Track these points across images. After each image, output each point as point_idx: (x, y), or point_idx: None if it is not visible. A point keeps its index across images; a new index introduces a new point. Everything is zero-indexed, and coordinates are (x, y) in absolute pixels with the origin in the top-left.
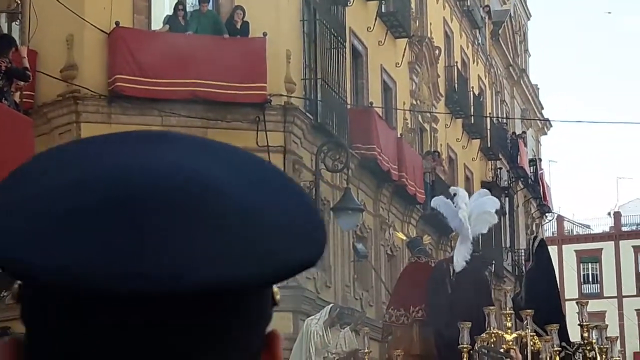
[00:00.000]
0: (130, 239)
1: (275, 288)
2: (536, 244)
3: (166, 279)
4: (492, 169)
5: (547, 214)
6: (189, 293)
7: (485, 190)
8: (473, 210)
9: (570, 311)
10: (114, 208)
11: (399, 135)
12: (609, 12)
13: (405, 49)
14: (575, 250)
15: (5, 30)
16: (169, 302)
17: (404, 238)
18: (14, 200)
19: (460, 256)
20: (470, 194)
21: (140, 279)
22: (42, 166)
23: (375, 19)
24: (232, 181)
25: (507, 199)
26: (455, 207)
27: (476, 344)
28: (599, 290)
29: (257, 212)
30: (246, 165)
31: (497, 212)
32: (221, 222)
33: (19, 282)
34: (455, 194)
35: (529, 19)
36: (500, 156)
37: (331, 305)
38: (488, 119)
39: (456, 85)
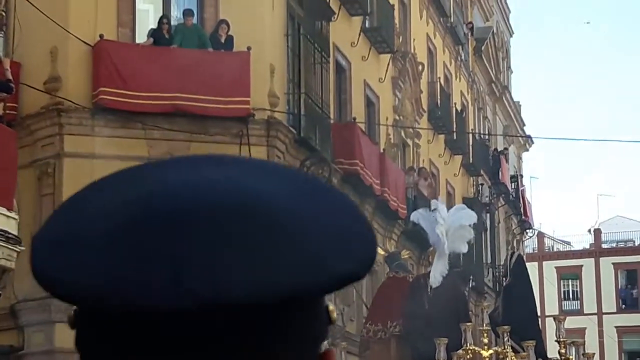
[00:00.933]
0: (174, 256)
1: (331, 306)
2: (514, 260)
3: (208, 294)
4: (473, 185)
5: (527, 230)
6: (231, 305)
7: (462, 205)
8: (450, 225)
9: (551, 328)
10: (156, 225)
11: (381, 151)
12: (588, 22)
13: (388, 64)
14: (556, 267)
15: None
16: (216, 316)
17: (382, 253)
18: (65, 222)
19: (437, 271)
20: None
21: (182, 295)
22: (99, 187)
23: (359, 34)
24: (281, 193)
25: (488, 215)
26: (434, 220)
27: None
28: (579, 307)
29: (304, 224)
30: (296, 179)
31: (476, 227)
32: (266, 235)
33: (74, 308)
34: (435, 209)
35: (511, 36)
36: (482, 172)
37: None
38: (470, 135)
39: (439, 101)
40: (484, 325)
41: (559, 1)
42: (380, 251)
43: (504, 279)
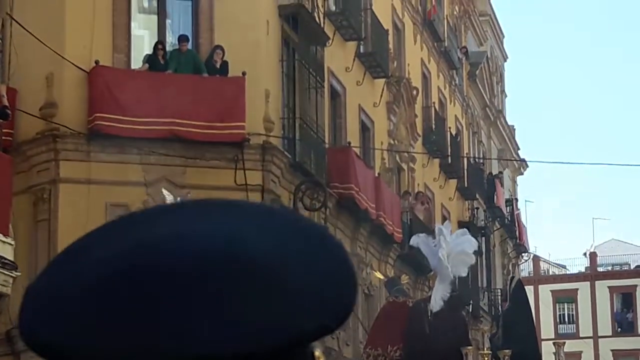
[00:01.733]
0: (147, 311)
1: (317, 352)
2: (513, 284)
3: (172, 350)
4: (469, 209)
5: (523, 254)
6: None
7: (464, 230)
8: (452, 250)
9: (547, 351)
10: (136, 281)
11: (376, 175)
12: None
13: (383, 89)
14: (551, 291)
15: None
16: None
17: (382, 277)
18: (55, 282)
19: (439, 296)
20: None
21: (151, 353)
22: (90, 240)
23: (354, 59)
24: (266, 241)
25: (483, 238)
26: (434, 245)
27: None
28: (574, 331)
29: (285, 275)
30: (285, 224)
31: (475, 252)
32: (244, 287)
33: None
34: (439, 233)
35: (505, 60)
36: (477, 196)
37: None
38: (465, 159)
39: (433, 126)
40: (485, 349)
41: (552, 26)
42: (379, 275)
43: (504, 303)
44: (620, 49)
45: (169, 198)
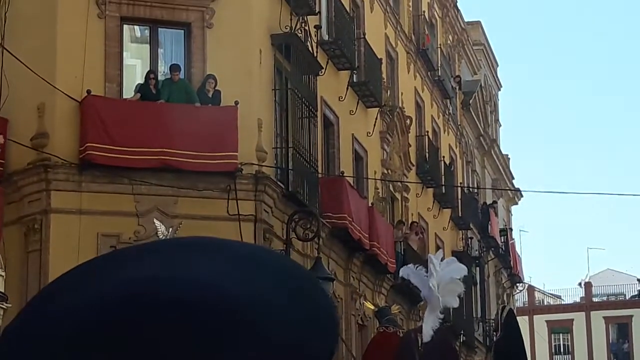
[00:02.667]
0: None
1: None
2: (505, 314)
3: None
4: (463, 239)
5: (517, 284)
6: None
7: (452, 258)
8: (441, 278)
9: None
10: (115, 330)
11: (370, 205)
12: None
13: (376, 118)
14: (546, 321)
15: None
16: None
17: (373, 308)
18: (28, 326)
19: (429, 326)
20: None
21: None
22: (63, 284)
23: (347, 88)
24: (246, 286)
25: (477, 268)
26: (425, 275)
27: None
28: None
29: (263, 320)
30: (266, 266)
31: (466, 281)
32: (218, 334)
33: None
34: (429, 261)
35: (499, 89)
36: (471, 226)
37: None
38: (459, 188)
39: (427, 155)
40: None
41: (546, 54)
42: (370, 306)
43: (495, 333)
44: (615, 78)
45: (161, 228)
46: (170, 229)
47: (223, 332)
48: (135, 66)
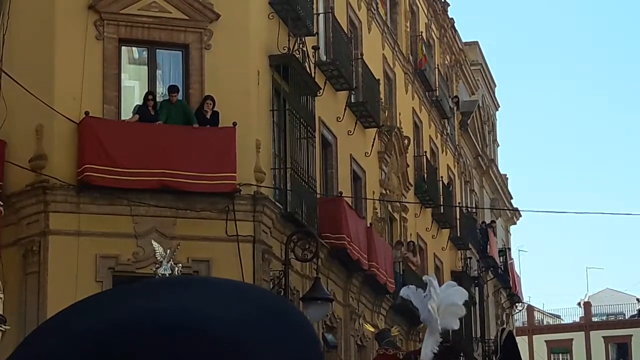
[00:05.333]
0: None
1: None
2: (504, 335)
3: None
4: (461, 259)
5: (517, 304)
6: None
7: (453, 282)
8: (441, 301)
9: None
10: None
11: (368, 225)
12: None
13: (374, 138)
14: (546, 341)
15: None
16: None
17: (373, 330)
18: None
19: (428, 348)
20: (440, 283)
21: None
22: (59, 320)
23: (345, 109)
24: (233, 321)
25: (477, 288)
26: (425, 296)
27: None
28: None
29: (247, 355)
30: (254, 302)
31: (466, 303)
32: None
33: None
34: (428, 284)
35: (497, 109)
36: (470, 246)
37: None
38: (457, 208)
39: (425, 175)
40: None
41: (544, 74)
42: (370, 328)
43: (494, 355)
44: (613, 97)
45: (159, 250)
46: (169, 250)
47: (210, 355)
48: (133, 87)
